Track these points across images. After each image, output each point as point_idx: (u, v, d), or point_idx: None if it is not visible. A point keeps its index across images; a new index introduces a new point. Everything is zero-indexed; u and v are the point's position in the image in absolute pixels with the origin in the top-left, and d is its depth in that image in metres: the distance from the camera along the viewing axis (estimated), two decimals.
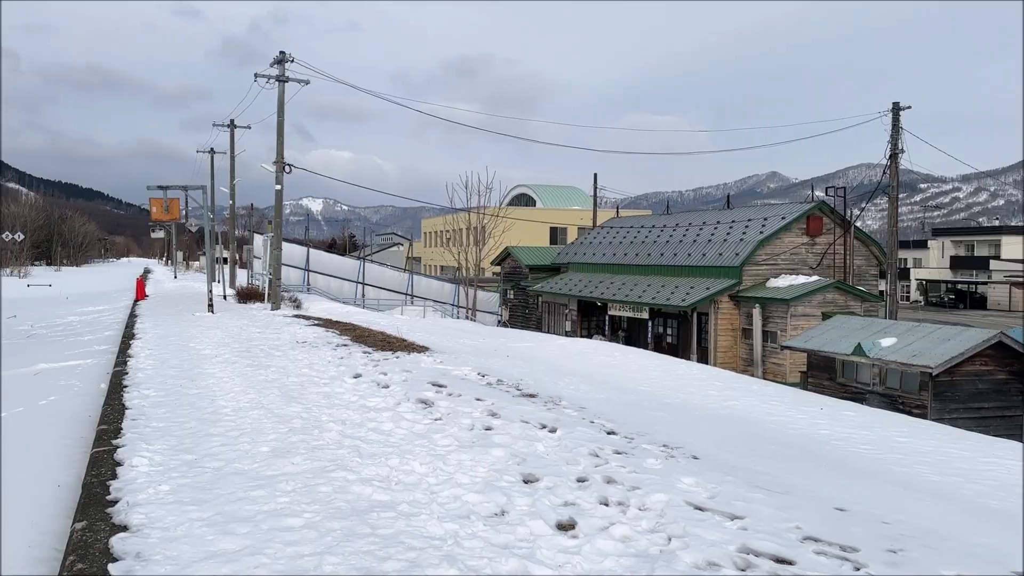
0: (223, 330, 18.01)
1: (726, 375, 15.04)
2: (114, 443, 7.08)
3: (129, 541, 4.56)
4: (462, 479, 5.84)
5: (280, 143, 25.46)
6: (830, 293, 25.49)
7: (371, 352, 12.95)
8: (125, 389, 10.02)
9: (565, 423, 7.54)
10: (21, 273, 65.97)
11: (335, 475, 5.96)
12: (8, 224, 74.21)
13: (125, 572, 4.13)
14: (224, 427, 7.68)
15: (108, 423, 8.12)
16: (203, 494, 5.46)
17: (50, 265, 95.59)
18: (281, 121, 25.22)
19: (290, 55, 24.47)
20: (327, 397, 9.27)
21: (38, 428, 8.71)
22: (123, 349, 14.74)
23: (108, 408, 9.00)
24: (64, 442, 8.06)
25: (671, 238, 32.38)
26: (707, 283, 27.66)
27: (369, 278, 41.68)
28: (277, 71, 24.68)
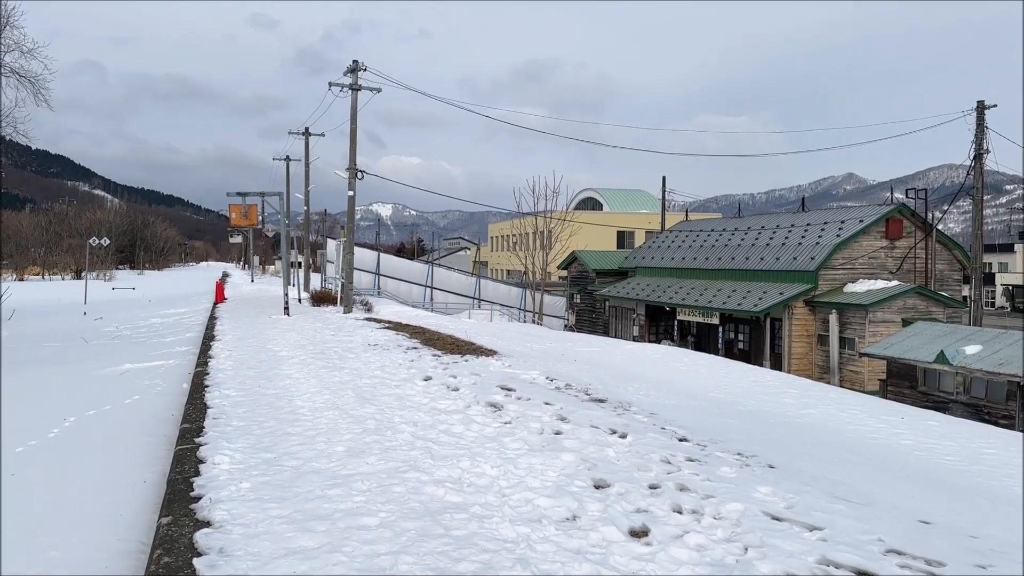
0: (298, 332, 18.48)
1: (801, 382, 14.66)
2: (197, 441, 7.35)
3: (212, 537, 4.71)
4: (533, 483, 5.85)
5: (352, 150, 25.99)
6: (911, 298, 24.58)
7: (440, 355, 13.10)
8: (206, 389, 10.37)
9: (635, 429, 7.48)
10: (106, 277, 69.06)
11: (408, 476, 6.04)
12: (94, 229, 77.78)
13: (209, 566, 4.27)
14: (301, 427, 7.88)
15: (191, 422, 8.42)
16: (282, 492, 5.61)
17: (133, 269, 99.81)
18: (354, 128, 25.75)
19: (363, 64, 25.00)
20: (399, 399, 9.41)
21: (124, 426, 9.08)
22: (204, 350, 15.26)
23: (190, 407, 9.33)
24: (148, 439, 8.39)
25: (743, 241, 31.77)
26: (781, 288, 27.03)
27: (437, 282, 42.17)
28: (350, 80, 25.23)
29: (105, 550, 5.13)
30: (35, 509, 5.93)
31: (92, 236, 59.78)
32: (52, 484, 6.64)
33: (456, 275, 44.63)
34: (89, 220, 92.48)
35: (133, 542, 5.31)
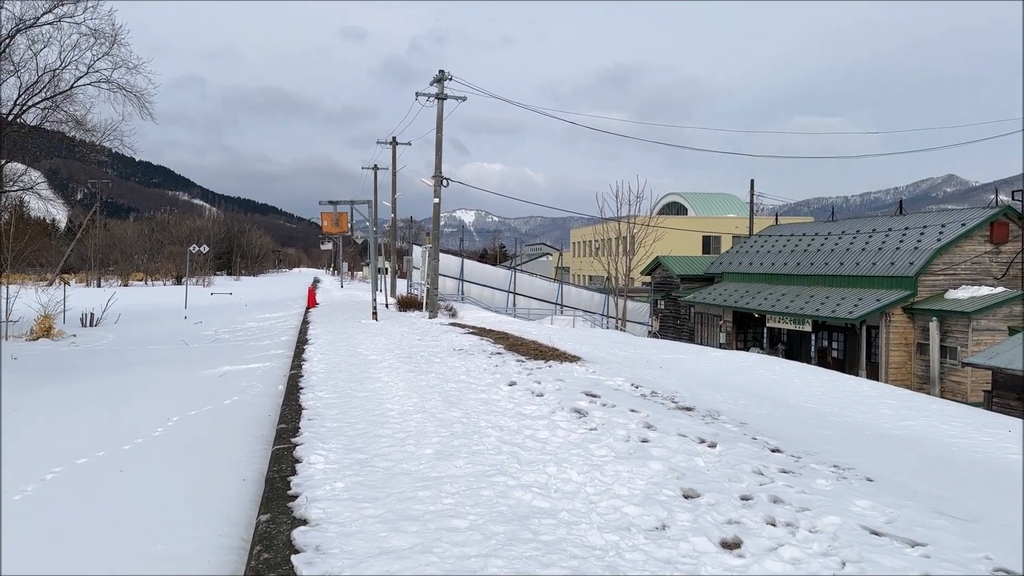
0: (386, 337, 18.89)
1: (900, 393, 14.06)
2: (293, 441, 7.61)
3: (309, 534, 4.88)
4: (620, 491, 5.82)
5: (438, 158, 26.44)
6: (1018, 306, 23.22)
7: (524, 361, 13.17)
8: (301, 391, 10.73)
9: (725, 438, 7.34)
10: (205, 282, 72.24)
11: (496, 480, 6.10)
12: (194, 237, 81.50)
13: (306, 563, 4.42)
14: (391, 429, 8.06)
15: (287, 422, 8.73)
16: (375, 492, 5.76)
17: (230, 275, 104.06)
18: (439, 137, 26.19)
19: (448, 73, 25.40)
20: (484, 403, 9.51)
21: (224, 426, 9.49)
22: (298, 353, 15.78)
23: (286, 408, 9.67)
24: (247, 439, 8.74)
25: (836, 246, 30.72)
26: (877, 294, 26.00)
27: (519, 288, 42.35)
28: (436, 89, 25.68)
29: (208, 545, 5.37)
30: (142, 505, 6.26)
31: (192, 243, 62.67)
32: (158, 481, 7.00)
33: (538, 281, 44.73)
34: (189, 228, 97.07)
35: (234, 538, 5.54)
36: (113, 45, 24.76)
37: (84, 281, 66.56)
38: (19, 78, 24.43)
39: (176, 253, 79.48)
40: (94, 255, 70.85)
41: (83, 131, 26.45)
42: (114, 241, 78.00)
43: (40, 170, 32.04)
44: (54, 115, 25.49)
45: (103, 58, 24.79)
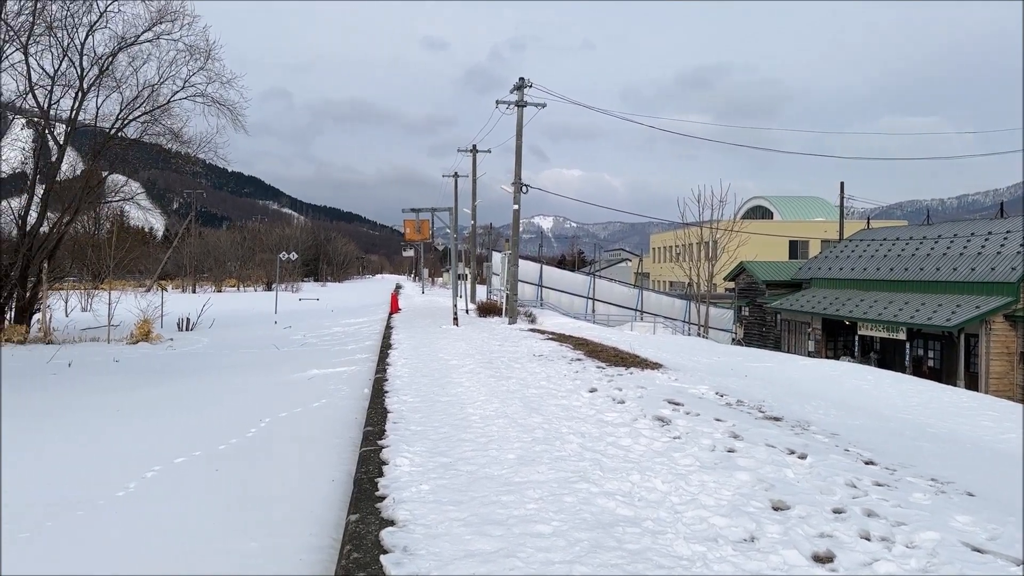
0: (467, 342, 19.09)
1: (1003, 405, 13.34)
2: (379, 443, 7.77)
3: (397, 535, 4.98)
4: (706, 500, 5.72)
5: (518, 165, 26.61)
6: None
7: (605, 367, 13.09)
8: (386, 394, 10.96)
9: (816, 449, 7.12)
10: (293, 288, 74.55)
11: (579, 486, 6.09)
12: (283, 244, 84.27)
13: (395, 564, 4.51)
14: (473, 433, 8.15)
15: (373, 425, 8.92)
16: (459, 495, 5.83)
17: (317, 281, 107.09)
18: (519, 144, 26.36)
19: (528, 80, 25.56)
20: (565, 410, 9.50)
21: (313, 427, 9.77)
22: (382, 358, 16.12)
23: (372, 411, 9.89)
24: (335, 441, 8.97)
25: (932, 251, 29.40)
26: (976, 301, 24.75)
27: (599, 294, 42.13)
28: (516, 97, 25.87)
29: (299, 543, 5.54)
30: (236, 503, 6.50)
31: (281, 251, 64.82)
32: (251, 480, 7.25)
33: (617, 287, 44.40)
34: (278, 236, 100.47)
35: (324, 537, 5.69)
36: (207, 60, 25.96)
37: (180, 287, 69.70)
38: (121, 94, 25.90)
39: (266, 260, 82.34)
40: (189, 262, 74.12)
41: (179, 143, 27.80)
42: (208, 249, 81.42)
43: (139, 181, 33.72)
44: (153, 128, 26.89)
45: (198, 73, 26.03)
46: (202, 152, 27.99)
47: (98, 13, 24.06)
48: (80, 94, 24.72)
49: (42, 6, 22.82)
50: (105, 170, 28.04)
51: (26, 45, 23.21)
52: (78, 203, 25.86)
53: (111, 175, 29.12)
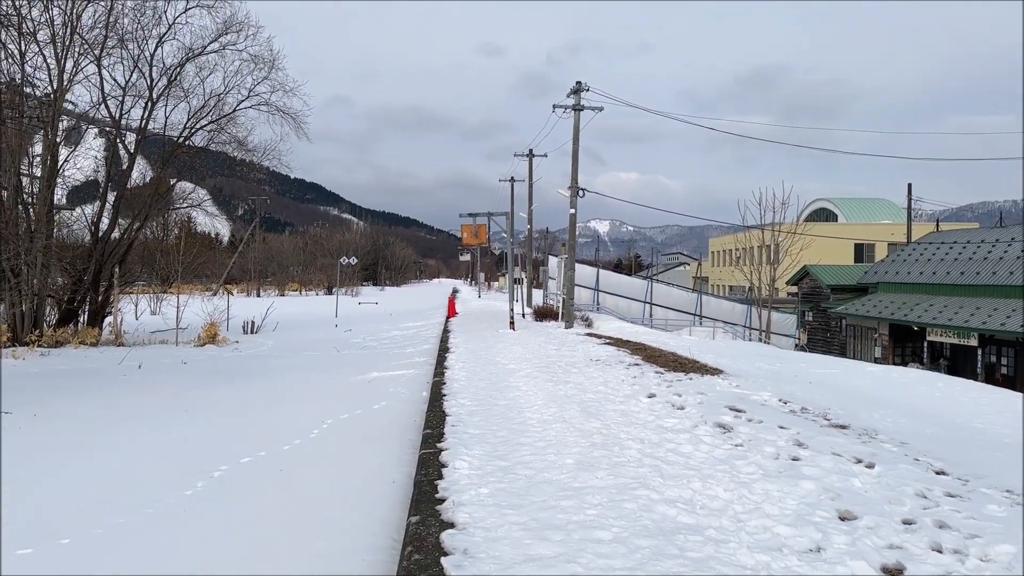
0: (523, 346, 19.11)
1: None
2: (438, 446, 7.83)
3: (457, 538, 5.00)
4: (770, 510, 5.60)
5: (574, 169, 26.55)
6: None
7: (663, 372, 12.95)
8: (444, 398, 11.04)
9: (884, 459, 6.91)
10: (353, 292, 75.79)
11: (638, 493, 6.03)
12: (343, 249, 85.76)
13: (455, 566, 4.53)
14: (531, 438, 8.15)
15: (432, 428, 9.00)
16: (518, 499, 5.83)
17: (375, 285, 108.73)
18: (576, 148, 26.31)
19: (585, 84, 25.51)
20: (624, 415, 9.43)
21: (374, 429, 9.91)
22: (440, 361, 16.26)
23: (431, 414, 9.98)
24: (395, 443, 9.08)
25: (1006, 254, 28.27)
26: None
27: (656, 298, 41.71)
28: (573, 101, 25.84)
29: (362, 544, 5.62)
30: (300, 503, 6.63)
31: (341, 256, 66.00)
32: (315, 480, 7.39)
33: (676, 291, 43.88)
34: (339, 241, 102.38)
35: (386, 537, 5.76)
36: (271, 70, 26.62)
37: (245, 291, 71.50)
38: (188, 103, 26.74)
39: (327, 265, 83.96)
40: (254, 267, 76.03)
41: (244, 151, 28.57)
42: (271, 254, 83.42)
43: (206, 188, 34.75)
44: (219, 137, 27.69)
45: (262, 82, 26.69)
46: (266, 159, 28.72)
47: (167, 25, 24.92)
48: (150, 104, 25.62)
49: (114, 19, 23.75)
50: (173, 177, 28.97)
51: (99, 57, 24.17)
52: (148, 210, 26.77)
53: (179, 182, 30.07)
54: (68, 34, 22.66)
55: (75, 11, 22.65)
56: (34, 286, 21.67)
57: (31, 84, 23.13)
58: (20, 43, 21.80)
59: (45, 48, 22.54)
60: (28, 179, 23.16)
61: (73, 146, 26.63)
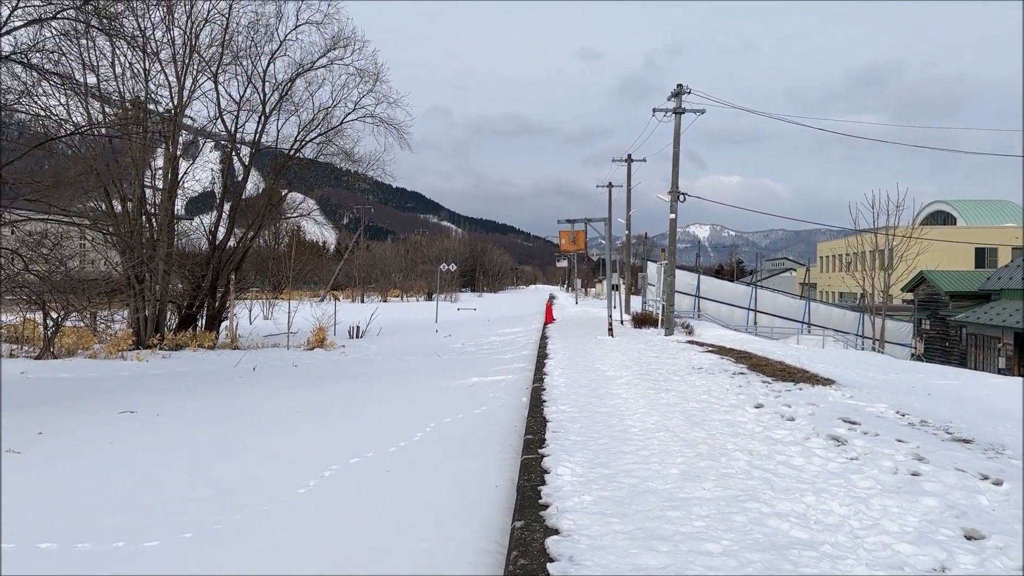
0: (623, 353, 18.93)
1: None
2: (540, 452, 7.85)
3: (562, 544, 4.99)
4: (890, 526, 5.34)
5: (675, 173, 26.14)
6: None
7: (771, 382, 12.56)
8: (544, 404, 11.06)
9: (1012, 475, 6.47)
10: (452, 298, 77.03)
11: (748, 505, 5.87)
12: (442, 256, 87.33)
13: (561, 573, 4.53)
14: (634, 446, 8.05)
15: (533, 433, 9.03)
16: (622, 508, 5.77)
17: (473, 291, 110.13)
18: (676, 152, 25.90)
19: (687, 87, 25.10)
20: (730, 425, 9.19)
21: (475, 433, 10.02)
22: (539, 367, 16.30)
23: (532, 420, 10.01)
24: (496, 447, 9.16)
25: None
26: None
27: (761, 305, 40.47)
28: (674, 104, 25.46)
29: (467, 546, 5.69)
30: (406, 503, 6.76)
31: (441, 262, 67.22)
32: (420, 482, 7.53)
33: (782, 297, 42.45)
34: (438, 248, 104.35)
35: (490, 540, 5.82)
36: (376, 82, 27.46)
37: (350, 297, 73.80)
38: (298, 117, 27.90)
39: (427, 271, 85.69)
40: (358, 274, 78.43)
41: (351, 162, 29.54)
42: (375, 261, 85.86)
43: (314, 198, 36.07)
44: (327, 148, 28.75)
45: (367, 95, 27.56)
46: (371, 170, 29.62)
47: (278, 42, 26.11)
48: (263, 118, 26.88)
49: (229, 37, 25.05)
50: (284, 188, 30.26)
51: (216, 74, 25.56)
52: (261, 219, 28.06)
53: (290, 193, 31.38)
54: (187, 53, 24.06)
55: (194, 30, 24.04)
56: (156, 292, 23.05)
57: (154, 101, 24.67)
58: (144, 62, 23.31)
59: (167, 66, 24.03)
60: (151, 191, 24.68)
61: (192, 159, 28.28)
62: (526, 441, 8.73)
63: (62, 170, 20.31)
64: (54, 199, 15.53)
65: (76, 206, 22.45)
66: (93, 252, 23.93)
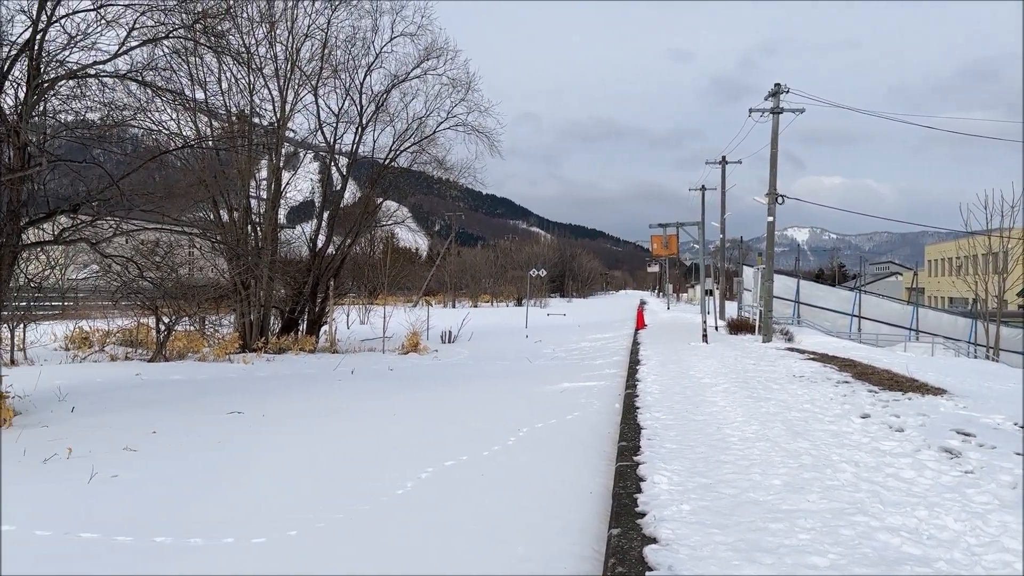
0: (718, 360, 18.52)
1: None
2: (635, 459, 7.76)
3: (660, 553, 4.92)
4: (1011, 544, 5.04)
5: (772, 175, 25.43)
6: None
7: (877, 391, 12.05)
8: (637, 410, 10.93)
9: None
10: (541, 304, 77.18)
11: (856, 519, 5.64)
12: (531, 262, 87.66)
13: None
14: (733, 455, 7.86)
15: (627, 440, 8.94)
16: (723, 519, 5.64)
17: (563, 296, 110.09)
18: (774, 153, 25.20)
19: (785, 86, 24.41)
20: (834, 436, 8.86)
21: (568, 439, 9.99)
22: (631, 373, 16.13)
23: (625, 427, 9.91)
24: (589, 453, 9.11)
25: None
26: None
27: (865, 311, 38.84)
28: (771, 104, 24.80)
29: (562, 551, 5.68)
30: (501, 507, 6.80)
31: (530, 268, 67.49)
32: (514, 486, 7.57)
33: (887, 303, 40.61)
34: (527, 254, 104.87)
35: (585, 547, 5.79)
36: (468, 91, 27.85)
37: (442, 302, 74.98)
38: (393, 127, 28.59)
39: (516, 277, 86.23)
40: (450, 279, 79.64)
41: (443, 170, 30.05)
42: (465, 267, 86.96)
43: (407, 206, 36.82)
44: (420, 157, 29.33)
45: (459, 104, 27.98)
46: (462, 177, 30.05)
47: (374, 54, 26.83)
48: (360, 129, 27.66)
49: (328, 52, 25.92)
50: (380, 197, 31.05)
51: (316, 88, 26.49)
52: (358, 227, 28.87)
53: (385, 201, 32.17)
54: (289, 68, 25.03)
55: (295, 46, 25.00)
56: (261, 298, 24.04)
57: (258, 114, 25.76)
58: (249, 77, 24.39)
59: (270, 81, 25.05)
60: (255, 201, 25.79)
61: (293, 170, 29.33)
62: (620, 448, 8.65)
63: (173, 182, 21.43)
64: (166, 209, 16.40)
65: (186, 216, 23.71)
66: (202, 260, 25.18)
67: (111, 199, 13.48)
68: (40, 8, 11.63)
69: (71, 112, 13.15)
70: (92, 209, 13.49)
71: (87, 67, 12.30)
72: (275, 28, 24.55)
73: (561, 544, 5.81)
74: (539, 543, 5.81)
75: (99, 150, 13.95)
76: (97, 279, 25.30)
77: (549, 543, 5.81)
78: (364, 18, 26.41)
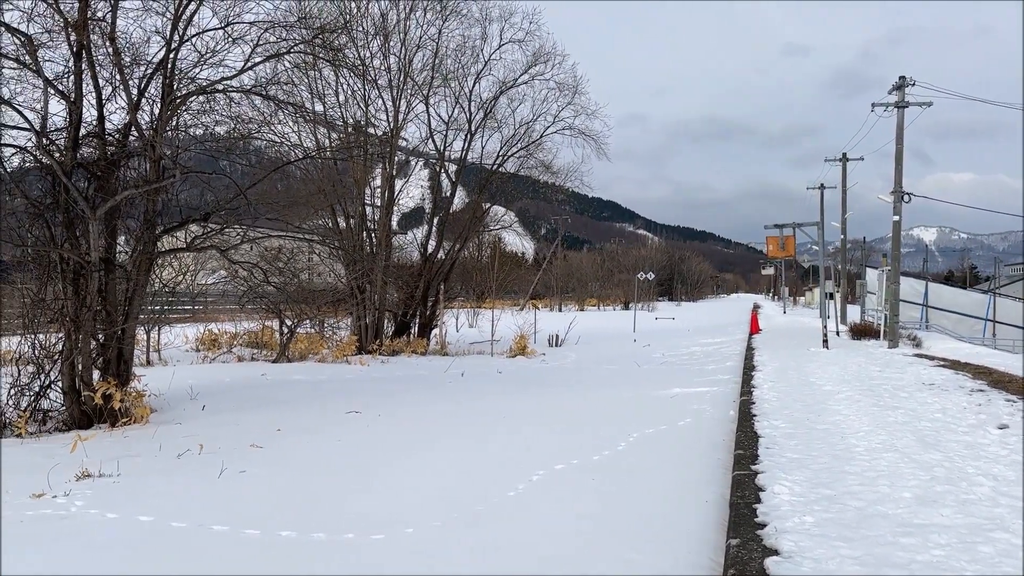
0: (840, 367, 17.74)
1: None
2: (752, 468, 7.54)
3: (783, 566, 4.76)
4: None
5: (898, 172, 24.16)
6: None
7: (1016, 400, 11.25)
8: (754, 418, 10.61)
9: None
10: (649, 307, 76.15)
11: (995, 535, 5.28)
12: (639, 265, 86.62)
13: None
14: (858, 466, 7.51)
15: (743, 448, 8.69)
16: (848, 532, 5.40)
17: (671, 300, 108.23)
18: (899, 149, 23.94)
19: (910, 79, 23.15)
20: (969, 447, 8.33)
21: (681, 446, 9.80)
22: (745, 380, 15.67)
23: (741, 434, 9.64)
24: (703, 461, 8.90)
25: None
26: None
27: (1001, 315, 36.31)
28: (896, 97, 23.58)
29: (679, 560, 5.58)
30: (612, 512, 6.75)
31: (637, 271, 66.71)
32: (625, 492, 7.48)
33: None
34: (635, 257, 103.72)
35: (702, 556, 5.67)
36: (575, 95, 27.83)
37: (548, 306, 75.16)
38: (500, 133, 28.90)
39: (623, 281, 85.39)
40: (556, 283, 79.73)
41: (549, 174, 30.13)
42: (571, 271, 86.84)
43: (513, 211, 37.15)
44: (527, 162, 29.51)
45: (566, 108, 28.00)
46: (568, 181, 30.04)
47: (483, 62, 27.23)
48: (468, 136, 28.14)
49: (439, 61, 26.51)
50: (487, 202, 31.46)
51: (427, 97, 27.13)
52: (467, 232, 29.37)
53: (492, 206, 32.57)
54: (402, 78, 25.76)
55: (407, 57, 25.70)
56: (376, 302, 24.82)
57: (373, 124, 26.61)
58: (364, 88, 25.26)
59: (384, 92, 25.87)
60: (370, 208, 26.66)
61: (405, 178, 30.17)
62: (736, 456, 8.42)
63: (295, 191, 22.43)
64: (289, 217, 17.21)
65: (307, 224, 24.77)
66: (321, 265, 26.25)
67: (238, 208, 14.27)
68: (173, 28, 12.45)
69: (201, 126, 14.00)
70: (221, 218, 14.30)
71: (215, 83, 13.07)
72: (389, 40, 25.33)
73: (677, 552, 5.71)
74: (654, 550, 5.73)
75: (226, 162, 14.78)
76: (225, 284, 26.86)
77: (665, 551, 5.72)
78: (473, 27, 26.88)
